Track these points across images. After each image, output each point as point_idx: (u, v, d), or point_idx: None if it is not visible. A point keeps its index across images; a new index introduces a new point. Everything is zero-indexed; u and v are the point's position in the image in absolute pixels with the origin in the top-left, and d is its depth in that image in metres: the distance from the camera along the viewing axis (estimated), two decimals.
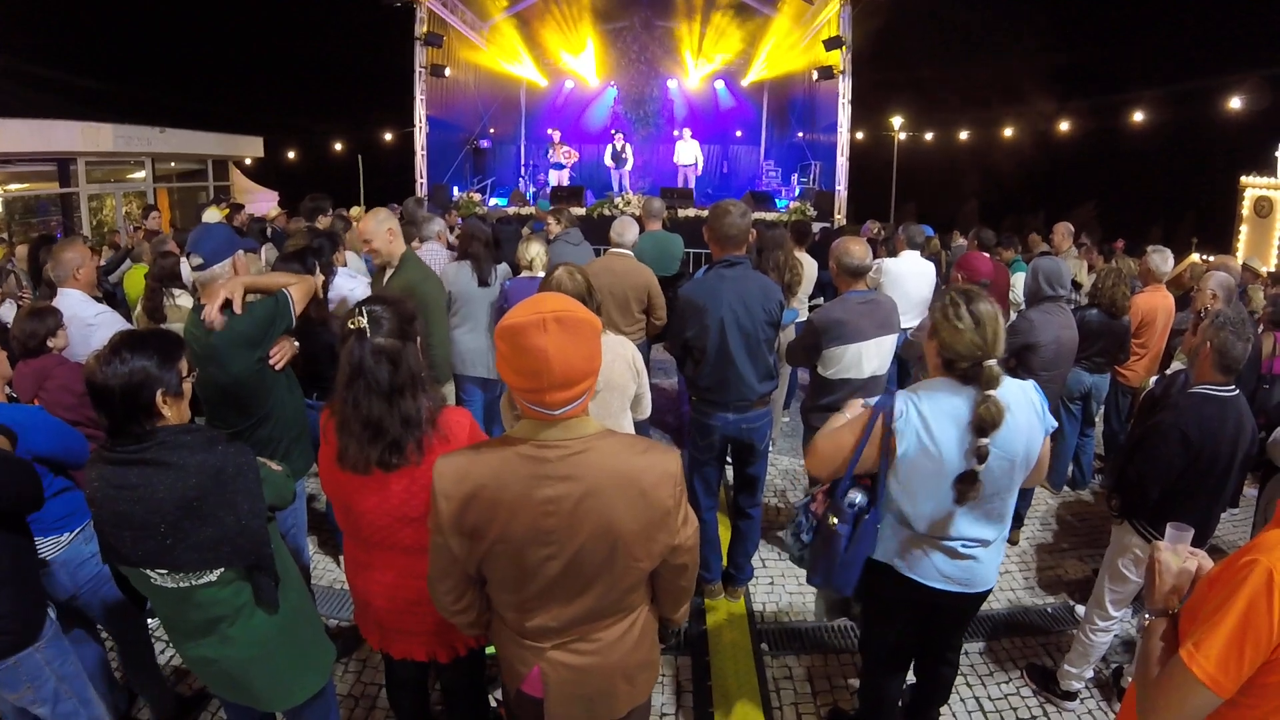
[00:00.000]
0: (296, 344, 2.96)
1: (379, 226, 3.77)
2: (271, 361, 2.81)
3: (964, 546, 2.25)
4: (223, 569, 1.88)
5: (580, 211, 12.62)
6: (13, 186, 13.79)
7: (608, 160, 14.74)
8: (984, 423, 2.05)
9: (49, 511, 2.44)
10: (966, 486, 2.10)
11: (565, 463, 1.54)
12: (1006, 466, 2.15)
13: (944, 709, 2.93)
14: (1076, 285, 5.97)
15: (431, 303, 3.88)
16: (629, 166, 14.82)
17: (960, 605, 2.38)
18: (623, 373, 2.84)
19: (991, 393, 2.06)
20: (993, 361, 2.07)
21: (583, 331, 1.49)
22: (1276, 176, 11.71)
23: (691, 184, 14.69)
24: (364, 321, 1.92)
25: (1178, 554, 1.57)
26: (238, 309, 2.64)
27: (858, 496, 2.32)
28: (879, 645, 2.67)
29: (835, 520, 2.33)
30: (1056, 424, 2.29)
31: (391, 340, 1.93)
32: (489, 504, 1.54)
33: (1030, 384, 2.23)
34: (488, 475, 1.55)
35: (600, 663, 1.73)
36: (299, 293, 2.84)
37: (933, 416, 2.10)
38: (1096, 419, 5.30)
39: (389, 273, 3.88)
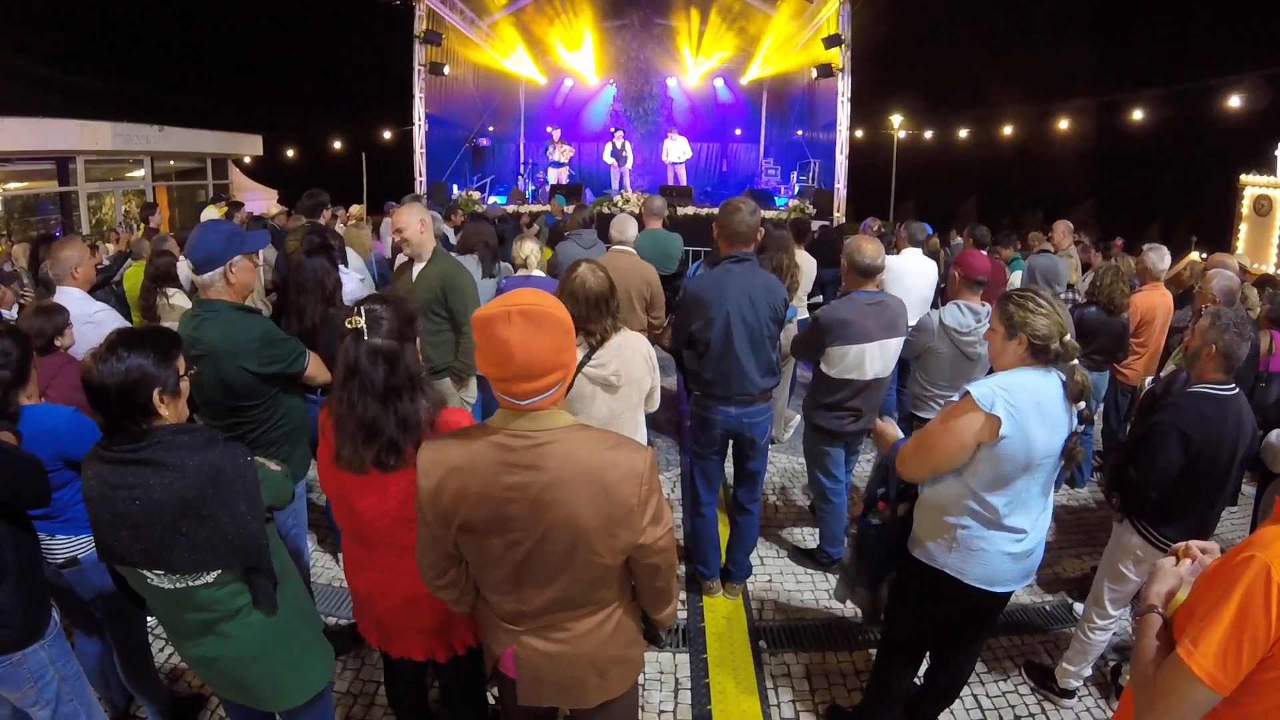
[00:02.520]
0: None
1: (412, 217, 3.78)
2: None
3: (1025, 539, 2.38)
4: (220, 570, 1.87)
5: (586, 206, 12.59)
6: (11, 185, 13.76)
7: (607, 157, 14.71)
8: (1080, 389, 2.26)
9: (84, 511, 2.44)
10: (1074, 448, 2.30)
11: (531, 453, 1.59)
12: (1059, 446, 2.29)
13: None
14: (1069, 286, 5.96)
15: (469, 292, 3.85)
16: (629, 164, 14.80)
17: (1004, 599, 2.52)
18: (640, 367, 2.87)
19: (1075, 363, 2.26)
20: (1069, 335, 2.24)
21: (547, 325, 1.54)
22: (1276, 175, 11.67)
23: (683, 181, 14.67)
24: (362, 321, 1.92)
25: (1183, 556, 1.59)
26: None
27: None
28: (905, 641, 2.72)
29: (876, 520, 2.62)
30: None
31: (389, 341, 1.93)
32: (459, 488, 1.61)
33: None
34: (460, 460, 1.62)
35: (570, 652, 1.78)
36: (314, 367, 2.90)
37: (1020, 402, 2.19)
38: (1095, 417, 5.30)
39: (418, 266, 3.86)
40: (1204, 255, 9.46)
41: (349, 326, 1.93)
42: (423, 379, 2.01)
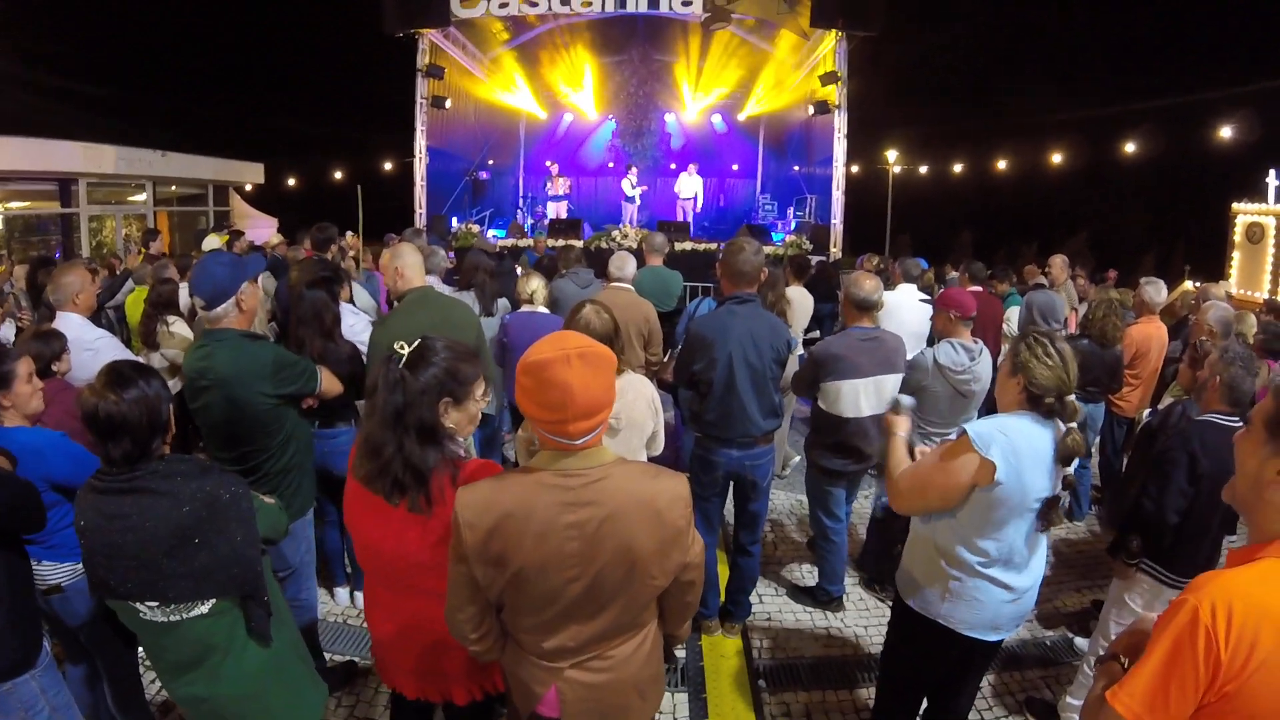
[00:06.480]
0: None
1: (389, 263, 3.59)
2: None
3: (1020, 583, 2.31)
4: (215, 599, 1.87)
5: (577, 244, 12.67)
6: (13, 205, 13.86)
7: (627, 190, 14.83)
8: (1070, 453, 2.19)
9: (69, 538, 2.41)
10: (1052, 512, 2.22)
11: (588, 489, 1.63)
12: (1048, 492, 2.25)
13: None
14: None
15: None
16: (637, 203, 14.95)
17: (998, 643, 2.47)
18: (643, 410, 2.87)
19: (1074, 425, 2.21)
20: (1073, 396, 2.20)
21: (602, 366, 1.62)
22: (1268, 202, 11.77)
23: (689, 218, 14.81)
24: (406, 350, 1.87)
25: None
26: None
27: None
28: (902, 685, 2.67)
29: None
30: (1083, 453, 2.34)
31: (416, 378, 1.85)
32: (515, 531, 1.61)
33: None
34: (513, 504, 1.62)
35: (616, 678, 1.80)
36: (327, 381, 2.95)
37: (1020, 446, 2.16)
38: (1092, 449, 5.31)
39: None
40: (1197, 284, 9.54)
41: (396, 350, 1.89)
42: (439, 435, 1.91)
